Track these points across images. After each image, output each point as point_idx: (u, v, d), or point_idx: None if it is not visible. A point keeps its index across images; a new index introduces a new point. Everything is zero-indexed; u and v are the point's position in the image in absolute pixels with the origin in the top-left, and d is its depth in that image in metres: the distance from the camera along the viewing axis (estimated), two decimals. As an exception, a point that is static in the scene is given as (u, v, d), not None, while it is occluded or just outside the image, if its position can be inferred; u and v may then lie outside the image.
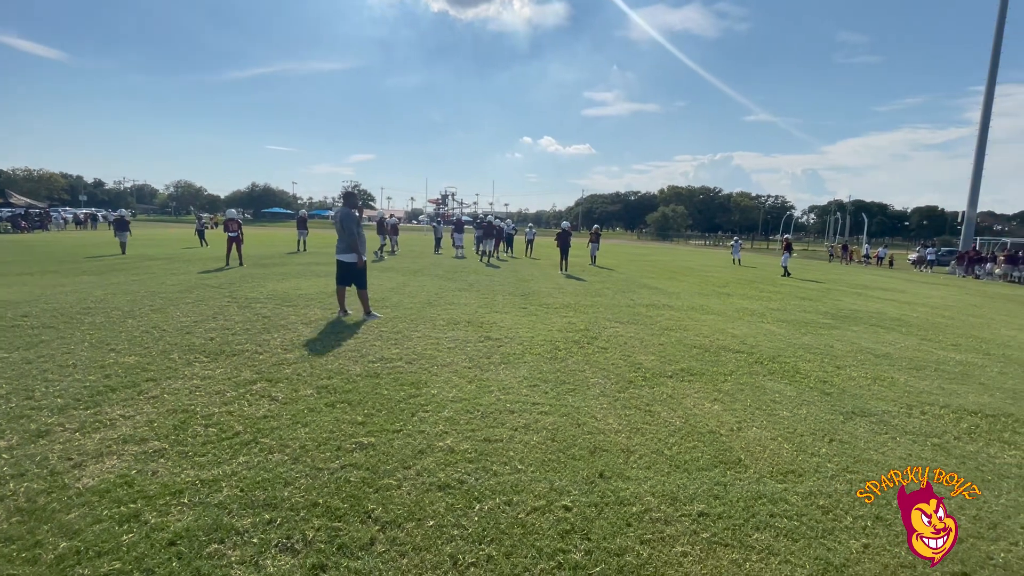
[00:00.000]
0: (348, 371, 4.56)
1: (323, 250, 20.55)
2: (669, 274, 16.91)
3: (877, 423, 4.00)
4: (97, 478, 2.65)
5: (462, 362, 5.04)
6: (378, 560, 2.14)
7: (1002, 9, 27.30)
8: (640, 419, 3.81)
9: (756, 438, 3.57)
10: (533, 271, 15.48)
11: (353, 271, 6.82)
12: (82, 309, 6.77)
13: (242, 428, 3.30)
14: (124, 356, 4.72)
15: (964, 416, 4.27)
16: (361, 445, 3.14)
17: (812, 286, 15.44)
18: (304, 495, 2.58)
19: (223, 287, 9.29)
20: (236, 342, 5.38)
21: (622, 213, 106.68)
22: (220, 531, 2.26)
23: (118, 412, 3.47)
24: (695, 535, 2.42)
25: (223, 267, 12.77)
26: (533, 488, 2.76)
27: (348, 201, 7.04)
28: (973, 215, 29.29)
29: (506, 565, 2.15)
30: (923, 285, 18.58)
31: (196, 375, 4.29)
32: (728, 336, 6.92)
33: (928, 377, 5.44)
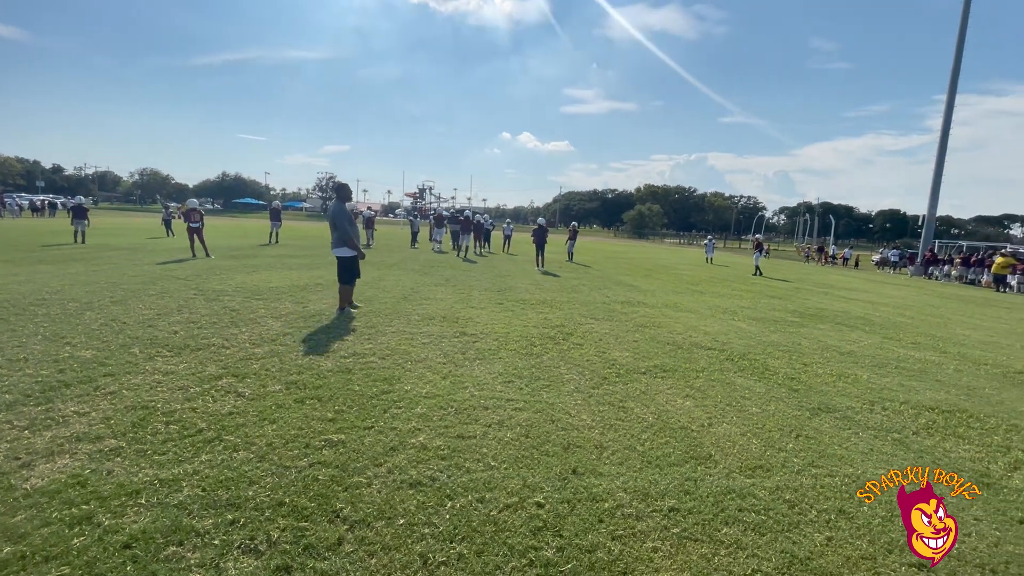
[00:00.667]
0: (319, 366, 4.46)
1: (296, 242, 20.09)
2: (644, 272, 17.11)
3: (841, 419, 4.12)
4: (47, 478, 2.51)
5: (437, 358, 4.98)
6: (346, 560, 2.09)
7: (963, 23, 28.45)
8: (613, 415, 3.83)
9: (726, 434, 3.63)
10: (510, 267, 15.45)
11: (344, 266, 6.68)
12: (36, 300, 6.44)
13: (206, 425, 3.19)
14: (80, 350, 4.51)
15: (922, 412, 4.44)
16: (331, 442, 3.06)
17: (781, 285, 15.85)
18: (270, 494, 2.50)
19: (189, 279, 8.97)
20: (202, 336, 5.20)
21: (599, 211, 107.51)
22: (179, 533, 2.17)
23: (72, 408, 3.30)
24: (666, 530, 2.44)
25: (189, 258, 12.34)
26: (506, 485, 2.74)
27: (340, 194, 6.87)
28: (933, 219, 30.51)
29: (477, 563, 2.13)
30: (885, 285, 19.28)
31: (158, 370, 4.13)
32: (700, 333, 7.03)
33: (889, 374, 5.63)
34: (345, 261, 6.70)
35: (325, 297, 7.91)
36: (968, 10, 28.28)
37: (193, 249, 13.18)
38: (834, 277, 21.98)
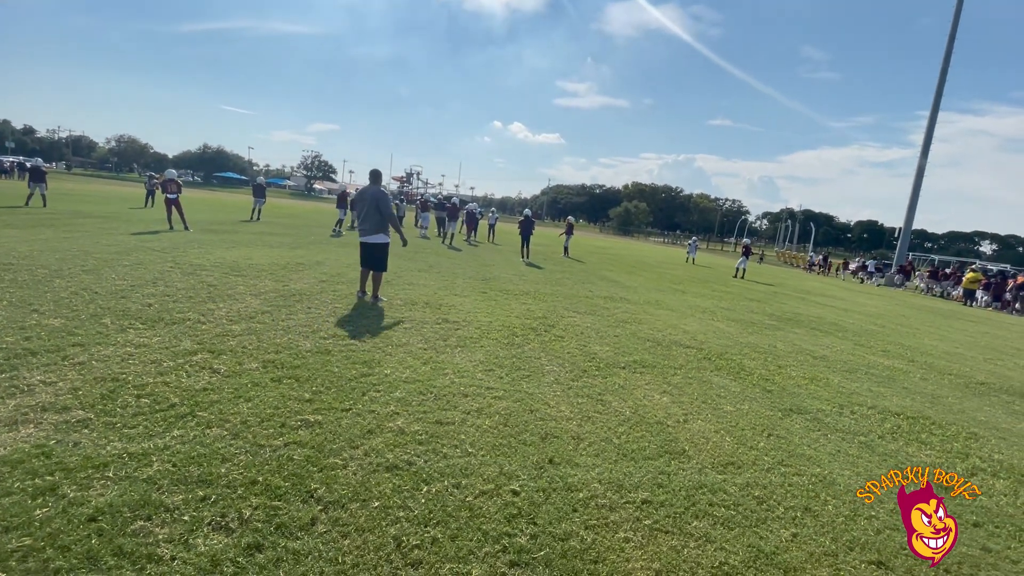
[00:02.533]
0: (297, 346, 4.40)
1: (278, 220, 19.70)
2: (628, 268, 17.25)
3: (811, 420, 4.23)
4: (9, 447, 2.43)
5: (417, 343, 4.96)
6: (318, 540, 2.07)
7: (949, 44, 29.14)
8: (592, 407, 3.87)
9: (700, 430, 3.70)
10: (495, 256, 15.42)
11: (382, 253, 6.52)
12: (2, 264, 6.20)
13: (178, 400, 3.12)
14: (48, 318, 4.36)
15: (888, 417, 4.58)
16: (307, 423, 3.03)
17: (761, 288, 16.14)
18: (243, 472, 2.46)
19: (166, 251, 8.74)
20: (177, 310, 5.07)
21: (587, 205, 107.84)
22: (147, 507, 2.13)
23: (38, 378, 3.20)
24: (638, 522, 2.48)
25: (166, 230, 12.02)
26: (483, 472, 2.75)
27: (376, 179, 6.70)
28: (909, 231, 31.37)
29: (451, 548, 2.14)
30: (859, 294, 19.79)
31: (130, 342, 4.02)
32: (680, 331, 7.13)
33: (859, 379, 5.80)
34: (384, 248, 6.54)
35: (306, 276, 7.79)
36: (955, 32, 28.95)
37: (170, 221, 12.83)
38: (811, 283, 22.47)
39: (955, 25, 29.03)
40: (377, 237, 6.44)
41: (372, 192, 6.45)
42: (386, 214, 6.43)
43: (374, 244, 6.46)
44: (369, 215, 6.41)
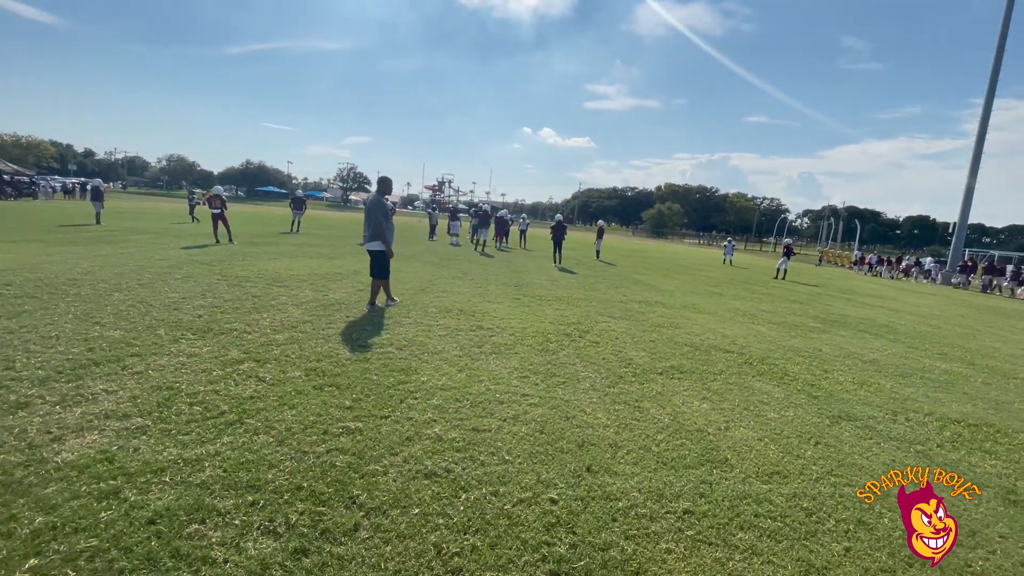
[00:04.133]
0: (337, 355, 4.52)
1: (317, 231, 20.34)
2: (663, 271, 16.94)
3: (862, 428, 4.04)
4: (76, 453, 2.60)
5: (453, 350, 5.01)
6: (361, 546, 2.12)
7: (1005, 23, 27.41)
8: (629, 415, 3.81)
9: (743, 438, 3.59)
10: (527, 262, 15.44)
11: (376, 260, 6.52)
12: (68, 280, 6.64)
13: (227, 408, 3.26)
14: (109, 330, 4.64)
15: (947, 424, 4.32)
16: (348, 430, 3.11)
17: (803, 289, 15.55)
18: (288, 478, 2.55)
19: (213, 264, 9.16)
20: (224, 320, 5.31)
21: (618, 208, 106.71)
22: (201, 511, 2.23)
23: (101, 386, 3.41)
24: (680, 532, 2.43)
25: (212, 244, 12.59)
26: (520, 480, 2.75)
27: (381, 187, 6.71)
28: (965, 226, 29.58)
29: (490, 556, 2.14)
30: (911, 293, 18.79)
31: (182, 352, 4.23)
32: (719, 335, 6.94)
33: (914, 384, 5.50)
34: (377, 256, 6.55)
35: (345, 286, 8.01)
36: (1011, 12, 27.22)
37: (216, 235, 13.44)
38: (858, 283, 21.49)
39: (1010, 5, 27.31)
40: (373, 244, 6.52)
41: (370, 200, 6.58)
42: (374, 221, 6.45)
43: (371, 251, 6.56)
44: (366, 222, 6.55)
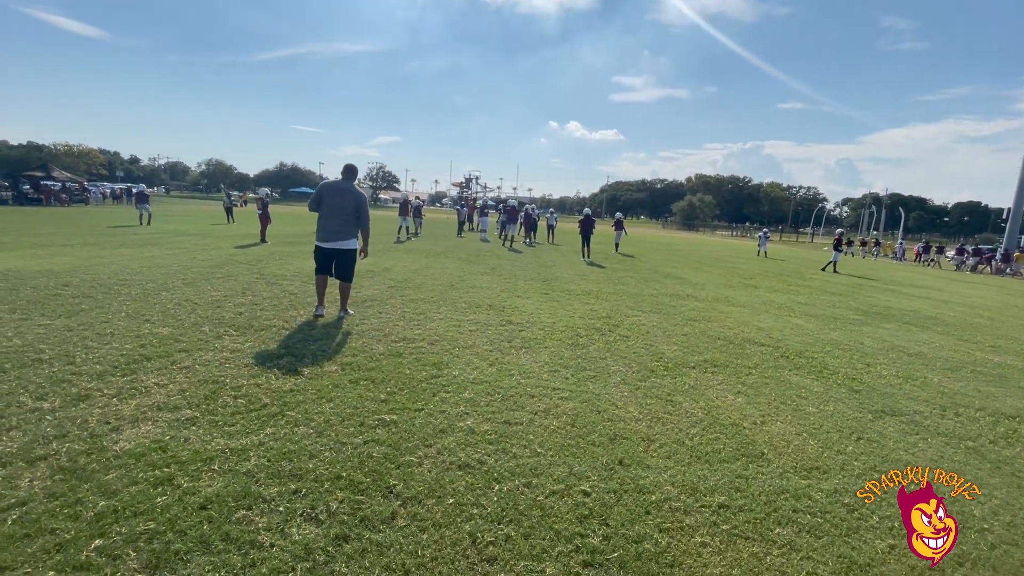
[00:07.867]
0: (371, 349, 4.63)
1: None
2: (694, 264, 16.61)
3: (908, 423, 3.89)
4: (133, 442, 2.75)
5: (483, 345, 5.06)
6: (399, 534, 2.18)
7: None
8: (661, 409, 3.78)
9: (780, 433, 3.51)
10: (555, 257, 15.39)
11: (350, 260, 5.81)
12: (119, 281, 7.01)
13: (269, 400, 3.39)
14: (158, 327, 4.88)
15: (1001, 420, 4.11)
16: (383, 422, 3.19)
17: (843, 280, 14.99)
18: (328, 468, 2.64)
19: (252, 264, 9.49)
20: (264, 317, 5.50)
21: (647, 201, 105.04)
22: (248, 498, 2.34)
23: (153, 380, 3.60)
24: (715, 526, 2.40)
25: (252, 244, 13.05)
26: (552, 472, 2.77)
27: (350, 175, 5.84)
28: (1020, 211, 27.86)
29: (524, 545, 2.17)
30: (961, 284, 17.86)
31: (226, 347, 4.41)
32: (753, 329, 6.78)
33: (964, 378, 5.25)
34: (353, 255, 5.84)
35: (376, 283, 8.17)
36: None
37: (263, 235, 14.04)
38: (903, 273, 20.56)
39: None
40: (351, 243, 5.80)
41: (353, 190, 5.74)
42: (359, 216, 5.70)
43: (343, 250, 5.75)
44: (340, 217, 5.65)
